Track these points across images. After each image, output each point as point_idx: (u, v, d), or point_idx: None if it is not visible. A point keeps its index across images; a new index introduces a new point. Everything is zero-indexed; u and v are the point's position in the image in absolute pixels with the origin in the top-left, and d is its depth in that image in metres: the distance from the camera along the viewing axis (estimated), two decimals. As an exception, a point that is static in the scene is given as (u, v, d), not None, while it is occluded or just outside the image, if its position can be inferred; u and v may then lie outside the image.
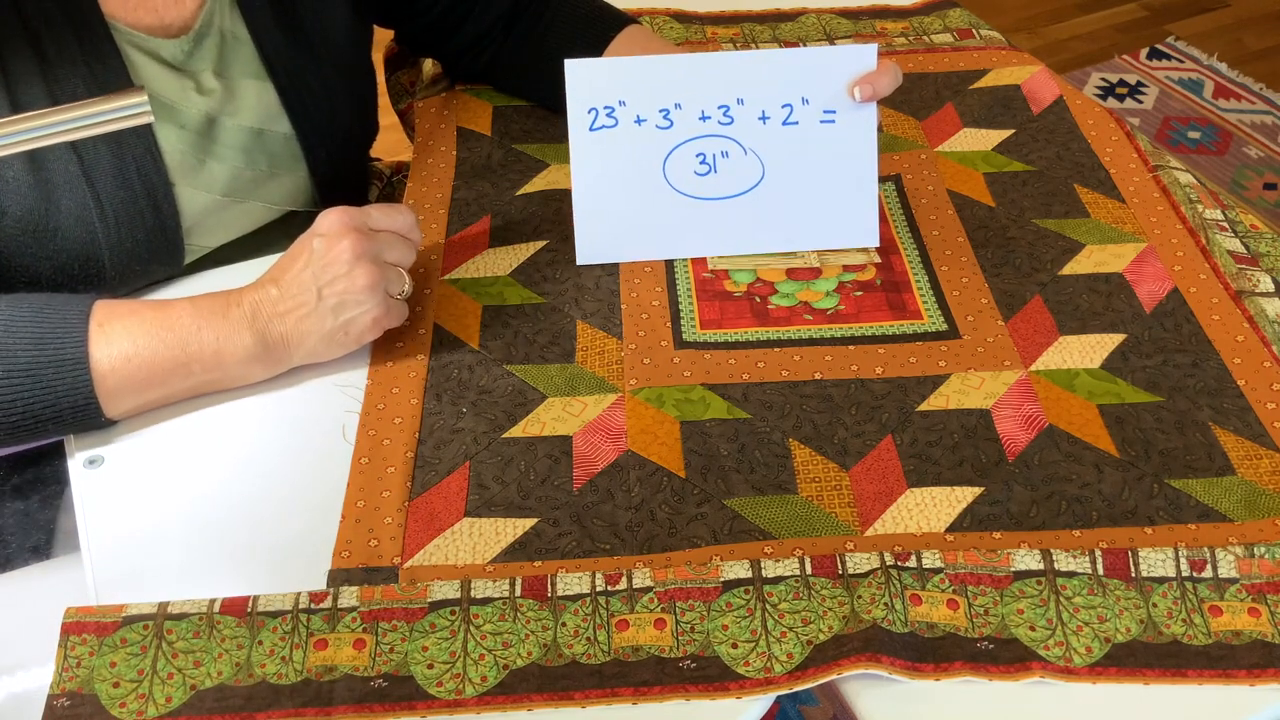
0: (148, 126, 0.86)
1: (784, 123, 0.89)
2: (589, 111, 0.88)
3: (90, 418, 0.76)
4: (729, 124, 0.89)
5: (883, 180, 1.01)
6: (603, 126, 0.88)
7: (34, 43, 0.80)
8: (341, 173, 1.01)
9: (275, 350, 0.79)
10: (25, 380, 0.73)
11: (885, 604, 0.66)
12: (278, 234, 0.99)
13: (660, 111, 0.88)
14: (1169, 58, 2.63)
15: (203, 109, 0.89)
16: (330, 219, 0.79)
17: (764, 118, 0.89)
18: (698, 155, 0.90)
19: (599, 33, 1.04)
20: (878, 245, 0.92)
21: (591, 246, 0.91)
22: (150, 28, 0.86)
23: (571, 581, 0.68)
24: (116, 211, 0.84)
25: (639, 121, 0.88)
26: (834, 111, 0.89)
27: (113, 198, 0.84)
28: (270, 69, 0.92)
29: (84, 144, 0.83)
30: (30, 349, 0.73)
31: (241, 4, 0.90)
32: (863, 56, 0.87)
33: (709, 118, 0.89)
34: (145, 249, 0.88)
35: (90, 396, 0.74)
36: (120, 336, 0.75)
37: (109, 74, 0.83)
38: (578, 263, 0.91)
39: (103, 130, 0.64)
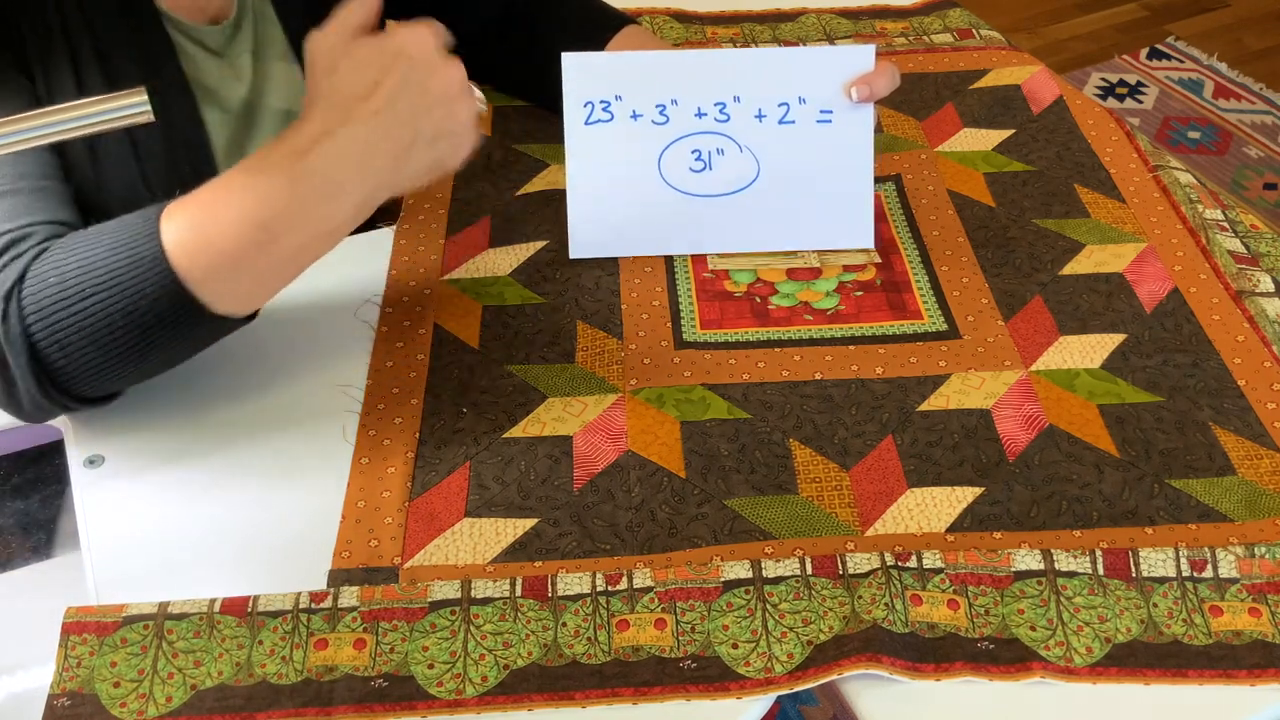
0: (196, 112, 0.87)
1: (780, 121, 0.89)
2: (585, 105, 0.88)
3: (197, 312, 0.71)
4: (725, 121, 0.89)
5: (883, 180, 1.01)
6: (598, 121, 0.88)
7: (90, 27, 0.81)
8: None
9: (350, 184, 0.71)
10: (113, 290, 0.70)
11: (886, 604, 0.66)
12: None
13: (657, 107, 0.88)
14: (1169, 58, 2.63)
15: (241, 93, 0.91)
16: (421, 40, 0.72)
17: (760, 116, 0.89)
18: (693, 152, 0.90)
19: (597, 33, 1.04)
20: (873, 246, 0.92)
21: (585, 240, 0.91)
22: (193, 15, 0.88)
23: (572, 581, 0.68)
24: (164, 195, 0.86)
25: (635, 117, 0.88)
26: (831, 111, 0.89)
27: (161, 180, 0.86)
28: (296, 50, 0.93)
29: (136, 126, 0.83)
30: (107, 256, 0.70)
31: None
32: (861, 57, 0.87)
33: (705, 114, 0.89)
34: None
35: (180, 288, 0.69)
36: (189, 226, 0.70)
37: (159, 60, 0.85)
38: (570, 256, 0.91)
39: (102, 130, 0.64)
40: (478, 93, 0.76)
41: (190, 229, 0.70)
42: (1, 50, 0.78)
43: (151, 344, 0.72)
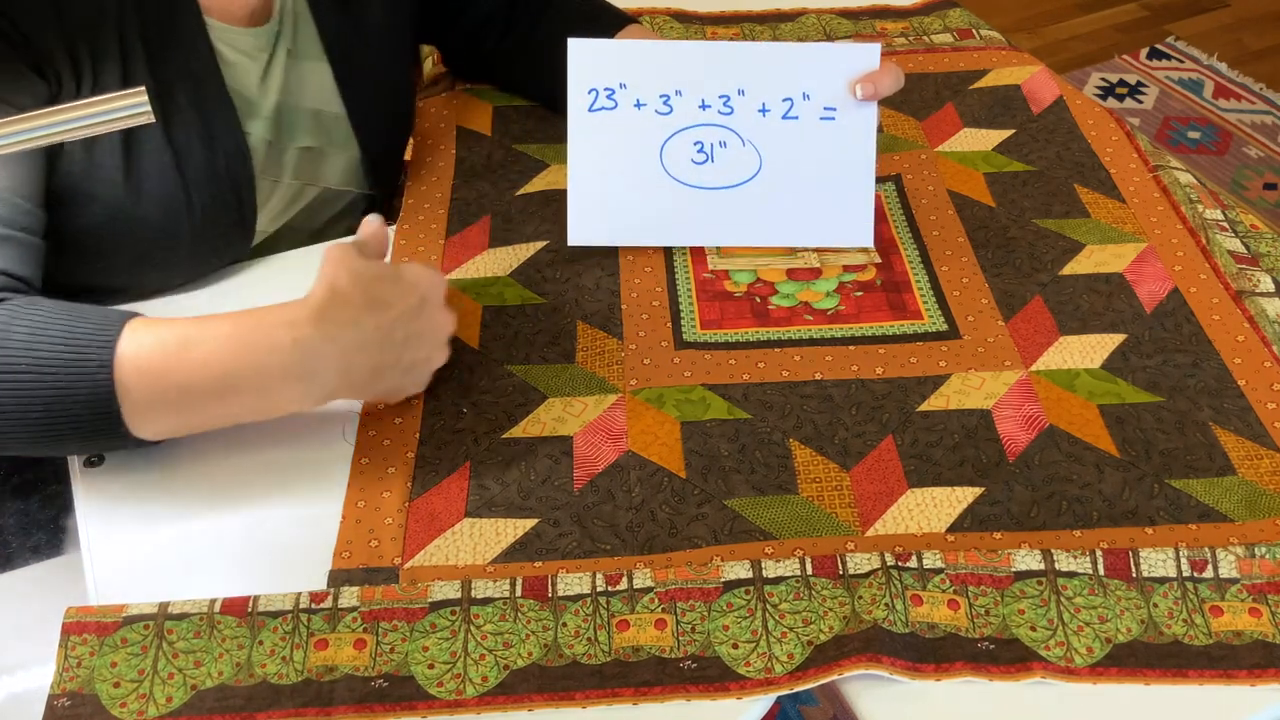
0: (237, 121, 0.87)
1: (784, 116, 0.89)
2: (589, 92, 0.88)
3: (112, 428, 0.70)
4: (729, 114, 0.89)
5: (883, 180, 1.01)
6: (602, 108, 0.88)
7: (143, 32, 0.82)
8: (387, 156, 1.03)
9: (323, 376, 0.72)
10: (46, 375, 0.68)
11: (886, 604, 0.66)
12: (324, 214, 1.01)
13: (661, 97, 0.88)
14: (1169, 58, 2.63)
15: (276, 97, 0.91)
16: (435, 281, 0.77)
17: (764, 110, 0.89)
18: (695, 143, 0.90)
19: (599, 30, 1.03)
20: (872, 245, 0.92)
21: (583, 227, 0.91)
22: (238, 17, 0.88)
23: (572, 582, 0.68)
24: (204, 204, 0.87)
25: (639, 105, 0.88)
26: (834, 109, 0.89)
27: (201, 192, 0.86)
28: (328, 49, 0.93)
29: (177, 136, 0.84)
30: (56, 341, 0.69)
31: None
32: (866, 56, 0.87)
33: (709, 106, 0.89)
34: (223, 239, 0.90)
35: (112, 404, 0.68)
36: (153, 347, 0.70)
37: (203, 69, 0.85)
38: (569, 243, 0.91)
39: (102, 130, 0.64)
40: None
41: (152, 352, 0.69)
42: (45, 62, 0.78)
43: (52, 436, 0.70)
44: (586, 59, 0.87)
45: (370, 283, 0.73)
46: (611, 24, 1.04)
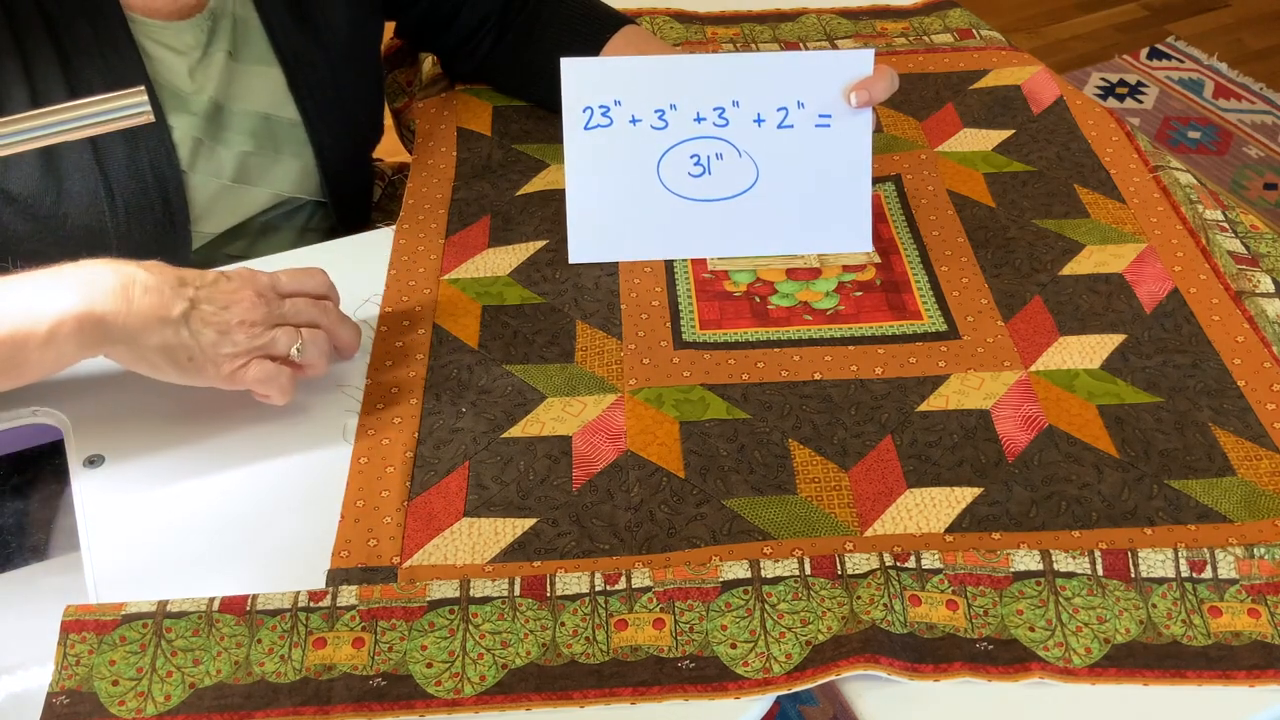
0: (161, 116, 0.86)
1: (779, 126, 0.89)
2: (584, 110, 0.88)
3: None
4: (724, 126, 0.89)
5: (882, 180, 1.01)
6: (597, 125, 0.88)
7: (51, 32, 0.81)
8: (348, 165, 1.02)
9: (100, 327, 0.69)
10: None
11: (884, 604, 0.66)
12: (280, 221, 1.00)
13: (655, 112, 0.88)
14: (1169, 58, 2.63)
15: (211, 94, 0.90)
16: (242, 273, 0.75)
17: (759, 120, 0.89)
18: (692, 156, 0.90)
19: (595, 33, 1.04)
20: (870, 250, 0.92)
21: (584, 245, 0.91)
22: (164, 12, 0.87)
23: (570, 581, 0.68)
24: (126, 201, 0.85)
25: (634, 121, 0.88)
26: (829, 116, 0.89)
27: (124, 188, 0.85)
28: (279, 54, 0.93)
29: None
30: None
31: None
32: (860, 62, 0.87)
33: (704, 119, 0.89)
34: (153, 238, 0.89)
35: None
36: None
37: (124, 64, 0.84)
38: (570, 261, 0.91)
39: (102, 130, 0.64)
40: (313, 335, 0.76)
41: None
42: None
43: None
44: (579, 78, 0.87)
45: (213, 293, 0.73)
46: (607, 26, 1.04)
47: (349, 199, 1.04)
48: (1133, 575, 0.68)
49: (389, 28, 1.13)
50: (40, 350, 0.69)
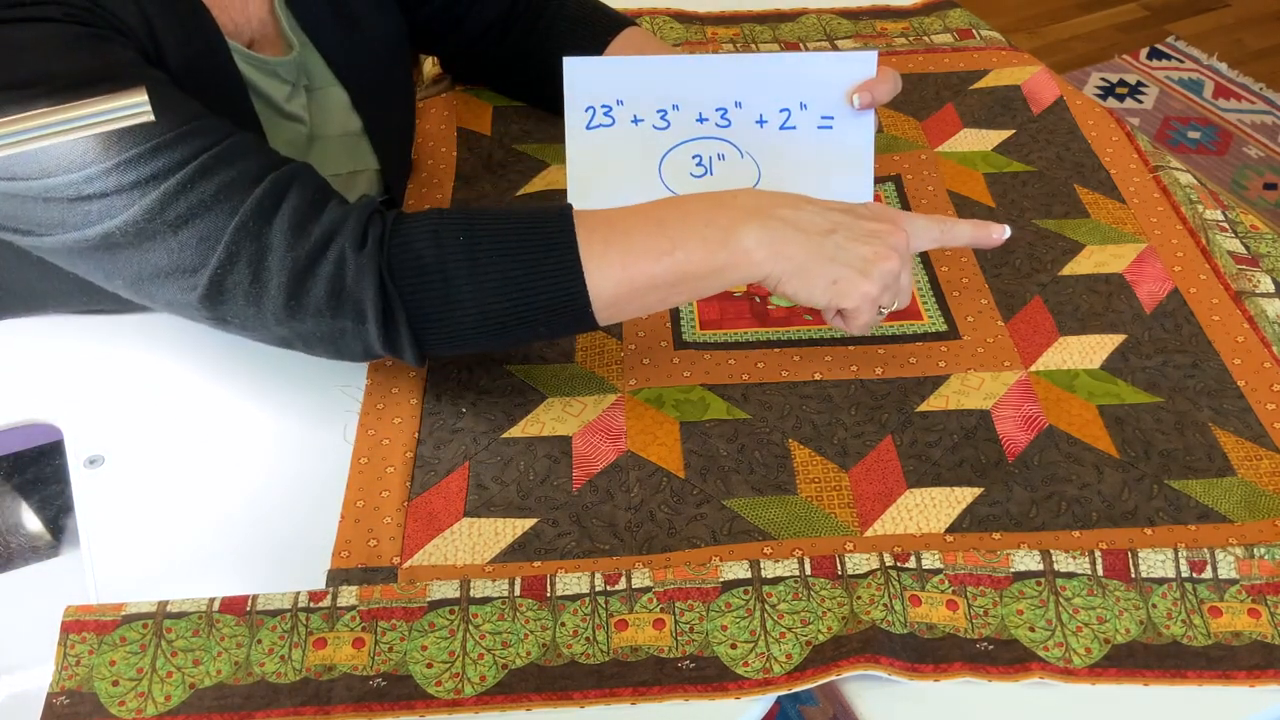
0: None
1: (781, 127, 0.89)
2: (586, 110, 0.88)
3: (587, 323, 0.74)
4: (726, 126, 0.89)
5: (883, 180, 1.01)
6: (599, 125, 0.88)
7: (165, 68, 0.78)
8: (401, 167, 1.02)
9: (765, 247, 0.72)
10: (519, 288, 0.71)
11: (884, 605, 0.66)
12: None
13: (658, 112, 0.88)
14: (1169, 58, 2.63)
15: (306, 130, 0.90)
16: (899, 221, 0.75)
17: (761, 121, 0.89)
18: (694, 157, 0.90)
19: (597, 35, 1.03)
20: None
21: None
22: (265, 49, 0.86)
23: (571, 581, 0.68)
24: None
25: (636, 121, 0.88)
26: (832, 118, 0.88)
27: None
28: (338, 72, 0.92)
29: None
30: (526, 256, 0.72)
31: (297, 13, 0.90)
32: (863, 64, 0.87)
33: (706, 120, 0.89)
34: None
35: (587, 308, 0.72)
36: (615, 258, 0.72)
37: (235, 101, 0.83)
38: None
39: (102, 130, 0.64)
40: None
41: (613, 263, 0.71)
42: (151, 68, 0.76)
43: (529, 333, 0.74)
44: (582, 77, 0.87)
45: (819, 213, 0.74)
46: (609, 28, 1.04)
47: (398, 202, 1.04)
48: (1133, 575, 0.68)
49: None
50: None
